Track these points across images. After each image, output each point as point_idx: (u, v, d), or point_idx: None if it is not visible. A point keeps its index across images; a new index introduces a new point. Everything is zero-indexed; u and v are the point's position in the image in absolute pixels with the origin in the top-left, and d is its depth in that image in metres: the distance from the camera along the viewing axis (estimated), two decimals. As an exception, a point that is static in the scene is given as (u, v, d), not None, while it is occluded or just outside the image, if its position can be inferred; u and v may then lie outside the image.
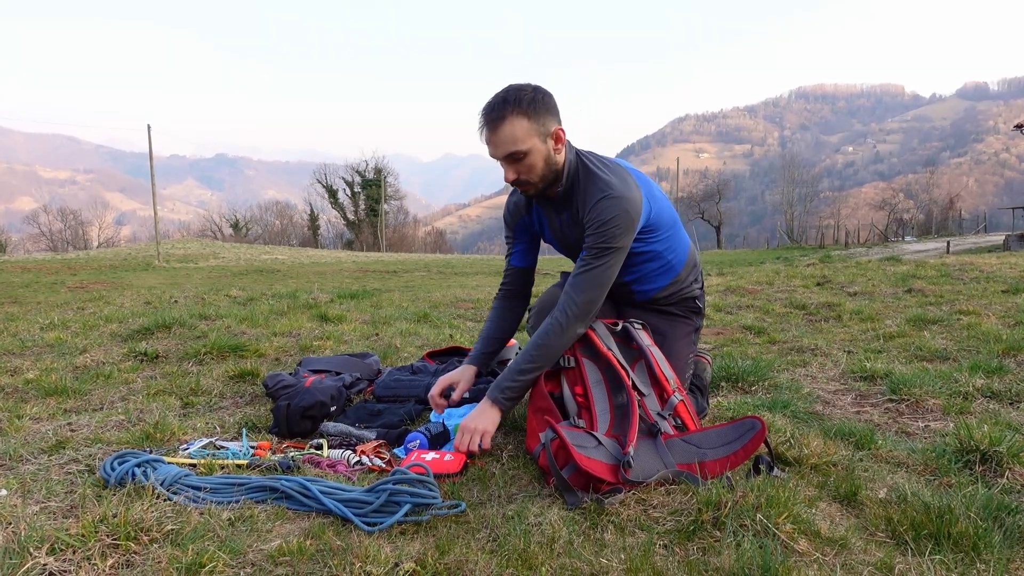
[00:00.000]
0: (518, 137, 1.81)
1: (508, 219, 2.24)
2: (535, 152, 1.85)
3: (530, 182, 1.91)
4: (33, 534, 1.29)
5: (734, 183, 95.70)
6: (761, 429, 1.66)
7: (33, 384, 2.65)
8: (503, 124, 1.81)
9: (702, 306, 2.29)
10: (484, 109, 1.85)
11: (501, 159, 1.88)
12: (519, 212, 2.19)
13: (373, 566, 1.22)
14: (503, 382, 1.88)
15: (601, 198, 1.89)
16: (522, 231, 2.22)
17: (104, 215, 74.89)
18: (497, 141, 1.83)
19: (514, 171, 1.89)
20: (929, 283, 5.83)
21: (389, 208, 54.52)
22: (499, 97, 1.83)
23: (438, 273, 13.99)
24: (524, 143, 1.82)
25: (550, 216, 2.10)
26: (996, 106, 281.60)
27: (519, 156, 1.84)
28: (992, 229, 39.03)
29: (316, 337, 3.69)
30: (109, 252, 27.83)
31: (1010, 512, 1.42)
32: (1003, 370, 2.69)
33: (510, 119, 1.81)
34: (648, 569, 1.24)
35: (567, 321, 1.88)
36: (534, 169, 1.88)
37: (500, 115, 1.81)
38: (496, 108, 1.82)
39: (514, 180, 1.91)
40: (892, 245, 26.50)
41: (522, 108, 1.81)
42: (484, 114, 1.85)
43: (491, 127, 1.83)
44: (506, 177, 1.90)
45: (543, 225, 2.15)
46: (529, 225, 2.20)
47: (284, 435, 2.04)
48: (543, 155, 1.87)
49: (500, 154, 1.86)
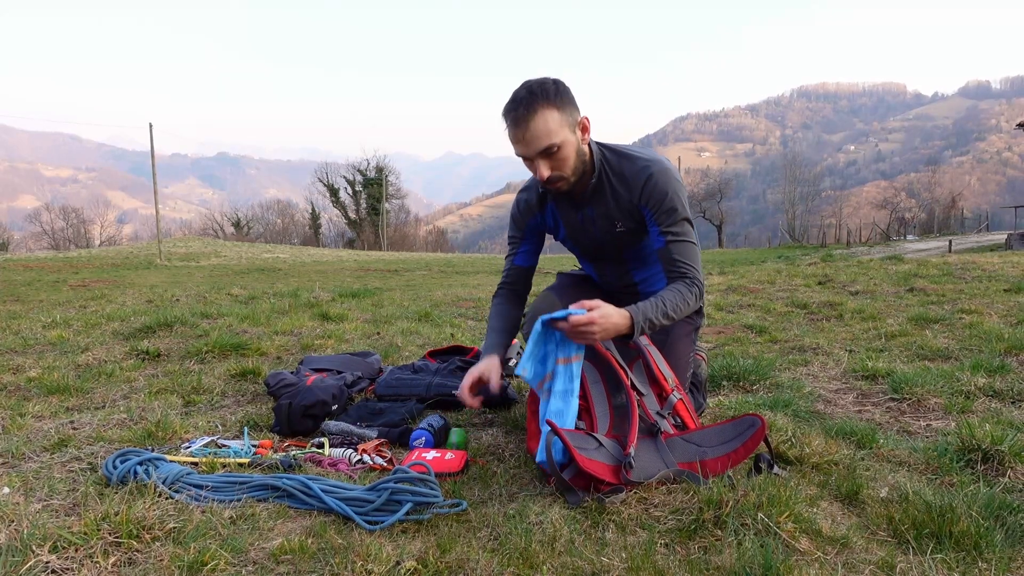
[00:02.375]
0: (551, 130, 1.71)
1: (517, 218, 2.13)
2: (567, 144, 1.76)
3: (564, 177, 1.81)
4: (35, 532, 1.29)
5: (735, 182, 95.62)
6: (761, 427, 1.65)
7: (35, 382, 2.65)
8: (534, 118, 1.70)
9: (702, 305, 2.29)
10: (509, 106, 1.74)
11: (535, 156, 1.76)
12: (530, 211, 2.09)
13: (374, 564, 1.23)
14: (648, 312, 1.76)
15: (649, 176, 1.84)
16: (532, 231, 2.13)
17: (106, 213, 74.99)
18: (529, 138, 1.72)
19: (548, 167, 1.77)
20: (931, 282, 5.82)
21: (390, 207, 54.54)
22: (523, 91, 1.72)
23: (439, 272, 13.99)
24: (557, 136, 1.72)
25: (567, 214, 2.02)
26: (998, 105, 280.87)
27: (553, 150, 1.74)
28: (994, 228, 38.98)
29: (317, 336, 3.69)
30: (111, 250, 27.87)
31: (1012, 511, 1.42)
32: (1005, 369, 2.69)
33: (540, 112, 1.70)
34: (649, 568, 1.24)
35: (700, 298, 1.86)
36: (567, 162, 1.79)
37: (530, 109, 1.70)
38: (524, 103, 1.71)
39: (548, 178, 1.79)
40: (894, 244, 26.46)
41: (550, 100, 1.71)
42: (511, 111, 1.73)
43: (521, 123, 1.71)
44: (540, 175, 1.78)
45: (558, 224, 2.08)
46: (539, 225, 2.11)
47: (286, 434, 2.04)
48: (574, 147, 1.79)
49: (533, 150, 1.74)
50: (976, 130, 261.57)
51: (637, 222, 1.94)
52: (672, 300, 1.81)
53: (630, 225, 1.96)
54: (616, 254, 2.08)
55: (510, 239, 2.19)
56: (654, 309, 1.78)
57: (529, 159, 1.79)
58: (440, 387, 2.39)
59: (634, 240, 2.01)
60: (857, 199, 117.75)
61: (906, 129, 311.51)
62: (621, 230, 1.97)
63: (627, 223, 1.95)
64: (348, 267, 16.68)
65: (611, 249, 2.06)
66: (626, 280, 2.16)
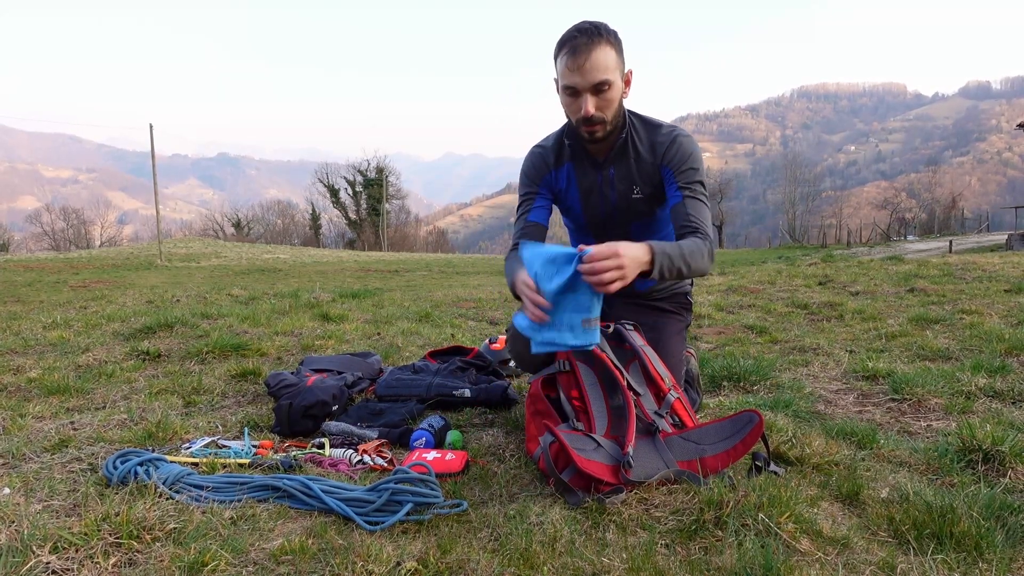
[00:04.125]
0: (609, 66, 1.74)
1: (531, 173, 2.08)
2: (615, 88, 1.78)
3: (604, 119, 1.82)
4: (36, 532, 1.29)
5: (736, 182, 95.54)
6: (759, 423, 1.65)
7: (36, 383, 2.65)
8: (597, 49, 1.72)
9: (691, 302, 2.30)
10: (571, 33, 1.75)
11: (588, 88, 1.76)
12: (545, 167, 2.06)
13: (375, 565, 1.23)
14: (670, 252, 1.67)
15: (675, 137, 1.90)
16: (546, 187, 2.09)
17: (106, 214, 75.08)
18: (589, 67, 1.73)
19: (595, 103, 1.78)
20: (931, 282, 5.82)
21: (391, 207, 54.59)
22: (587, 24, 1.75)
23: (439, 272, 13.99)
24: (612, 73, 1.75)
25: (584, 173, 2.02)
26: (999, 105, 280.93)
27: (604, 87, 1.76)
28: (995, 228, 38.99)
29: (318, 336, 3.69)
30: (111, 251, 27.88)
31: (1012, 511, 1.42)
32: (1005, 369, 2.68)
33: (602, 46, 1.73)
34: (650, 568, 1.23)
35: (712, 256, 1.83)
36: (612, 105, 1.81)
37: (593, 40, 1.72)
38: (588, 33, 1.73)
39: (590, 116, 1.79)
40: (894, 244, 26.46)
41: (611, 39, 1.75)
42: (572, 38, 1.74)
43: (583, 51, 1.72)
44: (585, 110, 1.78)
45: (571, 183, 2.05)
46: (553, 182, 2.08)
47: (286, 434, 2.04)
48: (619, 93, 1.81)
49: (589, 81, 1.75)
50: (976, 130, 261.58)
51: (655, 186, 1.97)
52: (688, 248, 1.75)
53: (647, 191, 1.98)
54: (624, 224, 2.08)
55: (523, 196, 2.12)
56: (673, 249, 1.69)
57: (578, 92, 1.78)
58: (440, 387, 2.39)
59: (646, 209, 2.03)
60: (857, 199, 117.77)
61: (906, 129, 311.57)
62: (637, 196, 2.00)
63: (644, 188, 1.98)
64: (348, 267, 16.69)
65: (621, 218, 2.06)
66: None
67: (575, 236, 2.25)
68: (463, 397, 2.35)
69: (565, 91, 1.82)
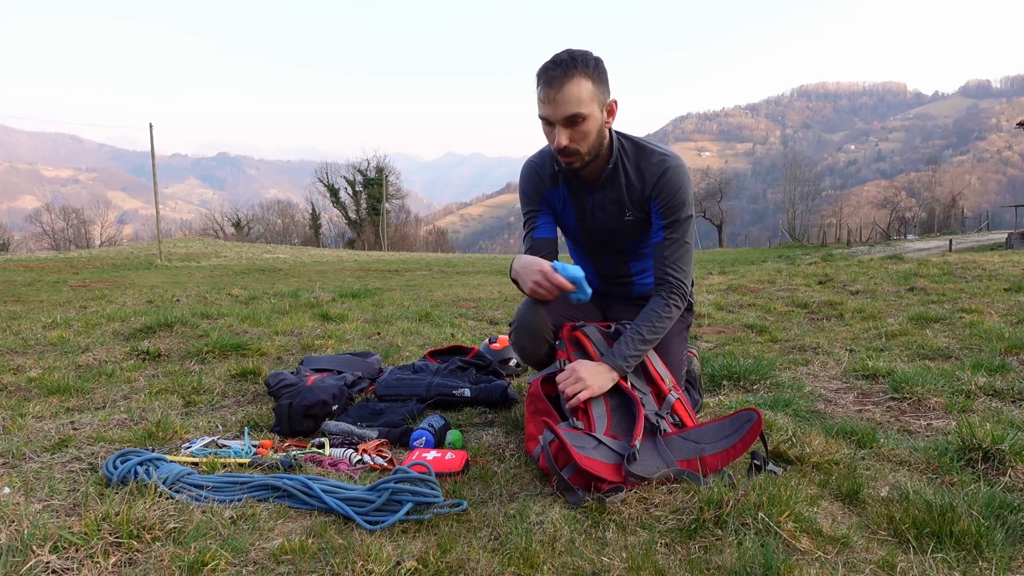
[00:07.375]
0: (583, 99, 1.72)
1: (530, 191, 2.07)
2: (592, 119, 1.76)
3: (579, 152, 1.80)
4: (36, 532, 1.29)
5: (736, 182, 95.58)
6: (757, 421, 1.65)
7: (36, 382, 2.65)
8: (569, 82, 1.70)
9: (691, 302, 2.30)
10: (547, 66, 1.74)
11: (559, 120, 1.75)
12: (542, 185, 2.05)
13: (375, 564, 1.23)
14: (625, 351, 1.84)
15: (665, 169, 1.88)
16: (546, 203, 2.08)
17: (106, 214, 75.03)
18: (560, 100, 1.71)
19: (568, 136, 1.76)
20: (931, 281, 5.82)
21: (391, 207, 54.59)
22: (565, 55, 1.73)
23: (439, 272, 13.99)
24: (586, 106, 1.73)
25: (578, 196, 2.02)
26: (999, 104, 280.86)
27: (578, 120, 1.74)
28: (995, 227, 38.98)
29: (318, 336, 3.69)
30: (111, 251, 27.88)
31: (1012, 510, 1.42)
32: (1005, 368, 2.68)
33: (576, 78, 1.70)
34: (650, 567, 1.23)
35: (680, 303, 1.92)
36: (587, 137, 1.79)
37: (567, 73, 1.70)
38: (563, 65, 1.71)
39: (564, 147, 1.78)
40: (894, 243, 26.46)
41: (588, 71, 1.72)
42: (547, 71, 1.73)
43: (555, 84, 1.71)
44: (558, 142, 1.77)
45: (566, 204, 2.05)
46: (551, 200, 2.07)
47: (286, 434, 2.04)
48: (597, 125, 1.79)
49: (560, 114, 1.73)
50: (976, 129, 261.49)
51: (645, 212, 1.98)
52: (648, 323, 1.89)
53: (638, 215, 1.98)
54: (618, 243, 2.09)
55: (525, 214, 2.11)
56: (630, 344, 1.86)
57: (552, 123, 1.78)
58: (440, 387, 2.39)
59: (638, 230, 2.03)
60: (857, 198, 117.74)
61: (906, 128, 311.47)
62: (629, 218, 2.00)
63: (635, 213, 1.98)
64: (348, 267, 16.69)
65: (614, 238, 2.07)
66: (621, 271, 2.17)
67: (572, 251, 2.30)
68: (463, 397, 2.35)
69: (541, 120, 1.82)
